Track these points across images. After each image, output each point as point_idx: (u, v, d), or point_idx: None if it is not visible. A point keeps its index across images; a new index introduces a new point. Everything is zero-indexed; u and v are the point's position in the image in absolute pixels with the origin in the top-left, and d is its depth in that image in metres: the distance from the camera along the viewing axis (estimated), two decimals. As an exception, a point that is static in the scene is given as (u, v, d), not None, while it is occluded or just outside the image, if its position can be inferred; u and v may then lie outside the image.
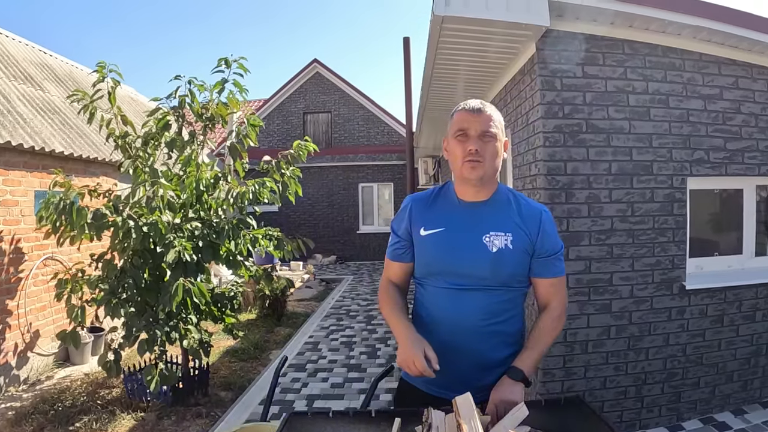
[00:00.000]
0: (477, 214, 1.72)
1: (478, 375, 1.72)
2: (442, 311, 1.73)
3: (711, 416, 3.58)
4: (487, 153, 1.63)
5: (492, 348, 1.72)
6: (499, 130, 1.66)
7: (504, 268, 1.67)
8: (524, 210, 1.71)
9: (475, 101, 1.69)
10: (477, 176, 1.64)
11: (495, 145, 1.64)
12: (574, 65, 3.36)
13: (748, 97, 3.62)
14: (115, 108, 4.13)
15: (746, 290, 3.62)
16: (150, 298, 4.00)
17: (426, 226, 1.76)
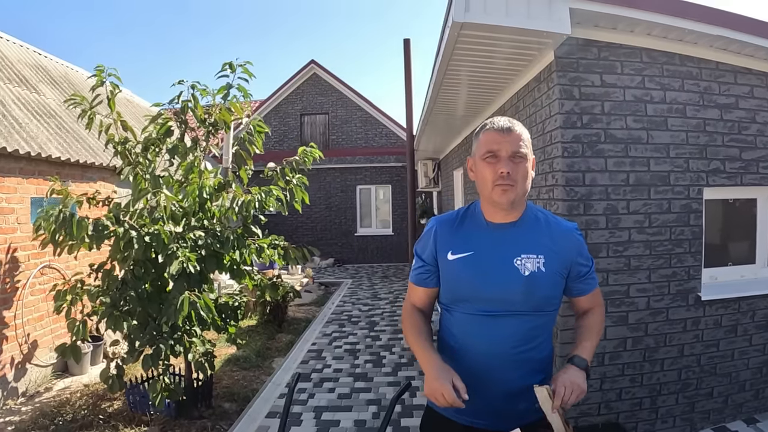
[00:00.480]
0: (507, 236, 1.66)
1: (507, 403, 1.67)
2: (471, 338, 1.68)
3: (724, 425, 3.58)
4: (519, 175, 1.57)
5: (522, 376, 1.66)
6: (528, 150, 1.61)
7: (537, 291, 1.62)
8: (555, 230, 1.68)
9: (503, 119, 1.62)
10: (508, 200, 1.59)
11: (525, 165, 1.59)
12: (593, 73, 3.31)
13: (763, 107, 3.61)
14: (115, 113, 4.00)
15: (760, 300, 3.62)
16: (152, 310, 3.89)
17: (454, 250, 1.70)
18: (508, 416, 1.64)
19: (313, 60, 15.21)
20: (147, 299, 3.86)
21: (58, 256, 3.66)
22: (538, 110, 3.64)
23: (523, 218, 1.67)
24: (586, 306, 1.79)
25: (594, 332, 1.74)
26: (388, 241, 14.95)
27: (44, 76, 6.60)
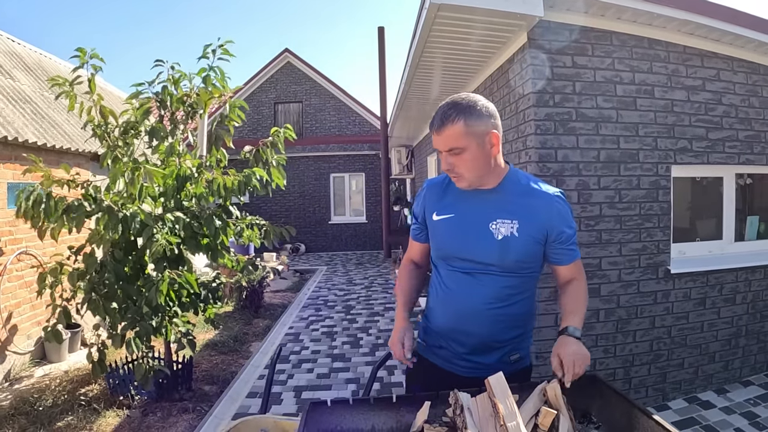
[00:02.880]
0: (486, 201, 1.73)
1: (482, 353, 1.80)
2: (452, 292, 1.79)
3: (695, 395, 3.72)
4: (461, 165, 1.63)
5: (497, 331, 1.77)
6: (472, 134, 1.59)
7: (509, 255, 1.69)
8: (536, 197, 1.71)
9: (439, 113, 1.63)
10: (463, 186, 1.71)
11: (470, 153, 1.61)
12: (565, 55, 3.41)
13: (729, 89, 3.75)
14: (96, 95, 3.99)
15: (727, 274, 3.77)
16: (132, 292, 3.89)
17: (438, 212, 1.80)
18: (483, 367, 1.76)
19: (287, 49, 15.21)
20: (127, 281, 3.86)
21: (42, 240, 3.64)
22: (511, 90, 3.73)
23: (502, 184, 1.72)
24: (567, 276, 1.80)
25: (580, 302, 1.75)
26: (362, 229, 15.01)
27: (18, 62, 6.52)
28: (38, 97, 5.97)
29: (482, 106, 1.62)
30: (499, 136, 1.65)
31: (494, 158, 1.67)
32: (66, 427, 3.77)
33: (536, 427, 1.44)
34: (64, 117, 6.09)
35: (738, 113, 3.78)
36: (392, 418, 1.64)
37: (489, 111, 1.63)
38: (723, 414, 3.45)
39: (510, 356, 1.82)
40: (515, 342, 1.83)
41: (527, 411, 1.48)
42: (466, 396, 1.50)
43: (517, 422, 1.33)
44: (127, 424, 3.85)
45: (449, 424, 1.49)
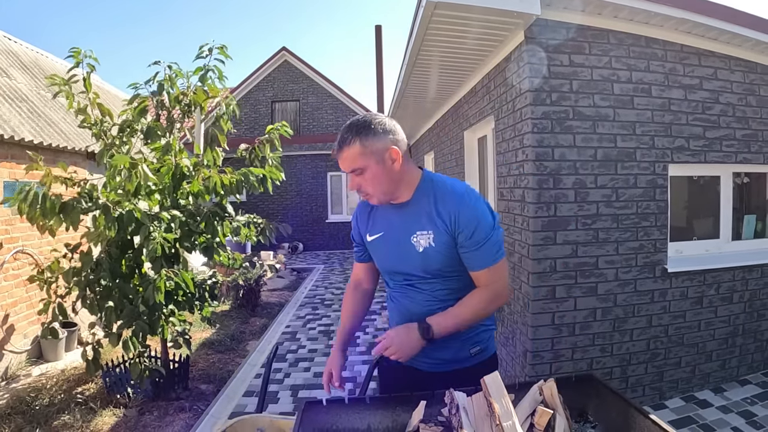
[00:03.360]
0: (405, 215, 1.79)
1: (438, 350, 1.82)
2: (397, 302, 1.90)
3: (692, 394, 3.72)
4: (366, 184, 1.69)
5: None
6: (370, 152, 1.64)
7: (432, 264, 1.75)
8: (440, 203, 1.72)
9: (339, 138, 1.68)
10: (374, 203, 1.80)
11: (371, 171, 1.66)
12: (562, 54, 3.40)
13: (726, 88, 3.74)
14: (92, 94, 3.97)
15: (724, 273, 3.77)
16: (128, 291, 3.88)
17: (370, 232, 1.90)
18: (444, 362, 1.85)
19: (285, 47, 15.20)
20: (123, 280, 3.85)
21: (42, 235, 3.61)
22: (508, 89, 3.72)
23: (415, 195, 1.76)
24: (480, 283, 1.75)
25: (459, 309, 1.73)
26: (359, 228, 14.97)
27: (15, 60, 6.50)
28: (35, 95, 5.96)
29: (378, 124, 1.66)
30: (399, 151, 1.68)
31: (399, 172, 1.70)
32: (62, 427, 3.77)
33: (532, 426, 1.44)
34: (61, 115, 6.07)
35: (735, 112, 3.77)
36: (388, 418, 1.64)
37: (386, 128, 1.67)
38: (720, 413, 3.45)
39: (470, 350, 1.86)
40: (471, 336, 1.86)
41: (523, 410, 1.47)
42: (461, 395, 1.49)
43: (513, 422, 1.33)
44: (124, 423, 3.84)
45: (445, 424, 1.48)
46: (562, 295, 3.43)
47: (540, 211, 3.37)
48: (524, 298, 3.53)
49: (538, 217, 3.37)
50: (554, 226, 3.40)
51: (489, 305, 1.75)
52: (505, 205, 3.92)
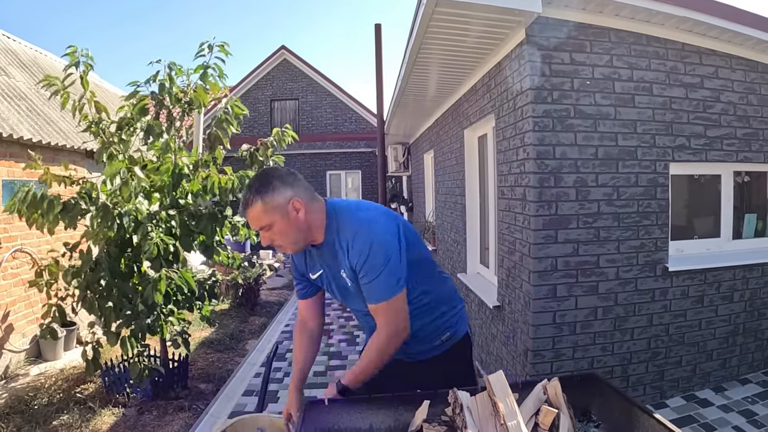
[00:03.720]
0: (326, 255, 1.86)
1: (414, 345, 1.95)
2: (367, 329, 2.09)
3: (693, 393, 3.71)
4: (277, 237, 1.74)
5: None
6: (273, 208, 1.69)
7: (360, 296, 1.81)
8: (342, 236, 1.77)
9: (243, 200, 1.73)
10: (290, 253, 1.85)
11: (277, 226, 1.71)
12: (563, 52, 3.39)
13: (727, 87, 3.74)
14: (89, 93, 3.95)
15: (724, 272, 3.76)
16: (127, 290, 3.87)
17: (311, 271, 1.95)
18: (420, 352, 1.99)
19: (284, 46, 15.21)
20: (122, 279, 3.84)
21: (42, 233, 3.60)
22: (509, 87, 3.71)
23: (326, 236, 1.81)
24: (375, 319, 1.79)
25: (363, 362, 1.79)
26: (358, 227, 14.97)
27: (13, 59, 6.48)
28: (33, 94, 5.94)
29: (276, 179, 1.71)
30: (302, 200, 1.72)
31: (306, 220, 1.74)
32: (61, 426, 3.76)
33: (536, 425, 1.43)
34: (60, 114, 6.04)
35: (736, 111, 3.76)
36: (390, 417, 1.63)
37: (284, 181, 1.72)
38: (721, 412, 3.45)
39: (441, 337, 1.98)
40: (439, 325, 1.97)
41: (527, 409, 1.47)
42: (465, 395, 1.49)
43: (517, 421, 1.32)
44: (123, 422, 3.83)
45: (448, 423, 1.47)
46: (563, 293, 3.42)
47: (541, 210, 3.36)
48: (525, 296, 3.52)
49: (539, 216, 3.36)
50: (555, 225, 3.39)
51: (388, 348, 1.78)
52: (506, 204, 3.91)
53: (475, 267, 5.61)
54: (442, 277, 2.05)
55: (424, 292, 1.92)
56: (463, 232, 5.77)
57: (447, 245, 7.03)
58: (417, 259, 1.87)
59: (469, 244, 5.61)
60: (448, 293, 2.04)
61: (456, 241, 6.26)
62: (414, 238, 1.89)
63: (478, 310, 4.93)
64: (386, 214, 1.81)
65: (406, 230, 1.83)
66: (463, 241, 5.79)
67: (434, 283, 1.98)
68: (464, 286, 5.48)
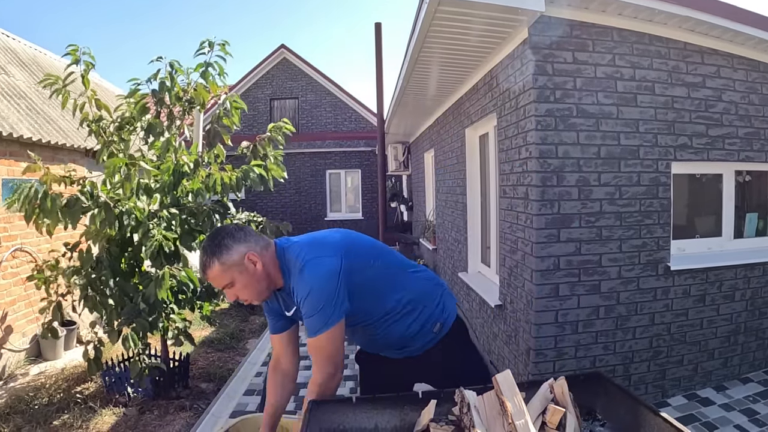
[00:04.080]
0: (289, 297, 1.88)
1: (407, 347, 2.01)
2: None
3: (694, 392, 3.72)
4: (240, 293, 1.80)
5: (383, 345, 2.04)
6: (231, 266, 1.74)
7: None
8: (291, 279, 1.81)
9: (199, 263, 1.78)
10: (258, 303, 1.87)
11: (238, 282, 1.76)
12: (565, 51, 3.39)
13: (729, 86, 3.74)
14: (90, 91, 3.94)
15: (726, 271, 3.77)
16: (128, 289, 3.86)
17: (287, 310, 1.94)
18: (414, 349, 2.00)
19: (284, 45, 15.17)
20: (123, 278, 3.82)
21: (41, 234, 3.59)
22: (511, 86, 3.71)
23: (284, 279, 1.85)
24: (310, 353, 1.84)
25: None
26: (358, 226, 14.95)
27: (13, 57, 6.46)
28: (33, 92, 5.92)
29: (227, 237, 1.76)
30: (256, 253, 1.77)
31: (264, 271, 1.79)
32: (62, 426, 3.75)
33: (544, 424, 1.43)
34: (59, 113, 6.03)
35: (738, 110, 3.76)
36: (396, 417, 1.63)
37: (236, 238, 1.77)
38: (722, 411, 3.45)
39: (432, 330, 1.98)
40: (425, 319, 1.97)
41: (534, 408, 1.47)
42: (472, 394, 1.48)
43: (525, 420, 1.32)
44: (124, 422, 3.82)
45: (455, 423, 1.47)
46: (565, 292, 3.42)
47: (544, 209, 3.36)
48: (527, 295, 3.52)
49: (542, 215, 3.36)
50: (558, 224, 3.39)
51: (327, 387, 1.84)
52: (508, 203, 3.91)
53: (477, 266, 5.61)
54: (413, 275, 2.02)
55: (397, 301, 1.93)
56: (464, 231, 5.77)
57: (448, 244, 7.03)
58: (374, 276, 1.89)
59: (470, 243, 5.60)
60: (424, 288, 2.01)
61: (457, 240, 6.26)
62: (366, 259, 1.89)
63: (480, 309, 4.93)
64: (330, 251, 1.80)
65: (354, 258, 1.84)
66: (464, 240, 5.79)
67: (406, 285, 1.97)
68: (465, 285, 5.48)
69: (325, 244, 1.85)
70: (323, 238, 1.90)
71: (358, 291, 1.81)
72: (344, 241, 1.90)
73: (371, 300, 1.88)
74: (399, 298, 1.92)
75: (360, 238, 2.01)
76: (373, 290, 1.87)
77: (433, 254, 8.49)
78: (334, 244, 1.84)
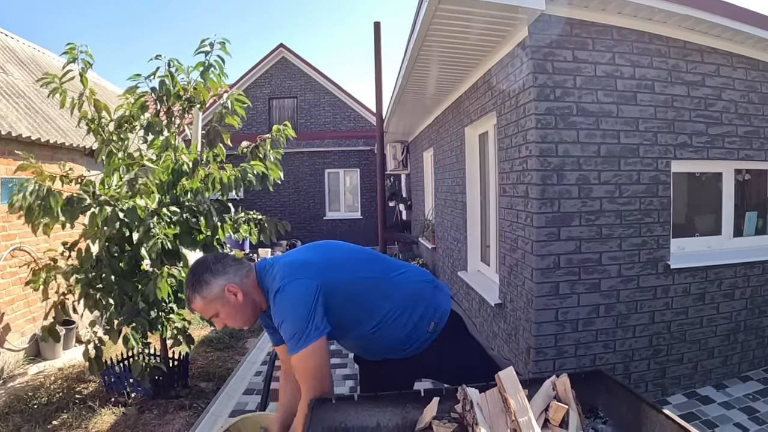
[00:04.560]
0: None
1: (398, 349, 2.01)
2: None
3: (694, 391, 3.72)
4: (227, 321, 1.85)
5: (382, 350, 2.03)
6: (213, 299, 1.79)
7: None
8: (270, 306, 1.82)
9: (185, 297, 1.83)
10: (246, 328, 2.06)
11: (223, 313, 1.81)
12: (565, 49, 3.39)
13: (729, 85, 3.74)
14: (88, 90, 3.93)
15: (726, 269, 3.77)
16: (128, 288, 3.84)
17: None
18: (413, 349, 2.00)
19: (282, 44, 15.13)
20: (122, 277, 3.81)
21: (36, 235, 3.58)
22: (511, 85, 3.71)
23: (268, 302, 1.87)
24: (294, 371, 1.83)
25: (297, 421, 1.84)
26: (356, 225, 15.01)
27: (11, 56, 6.45)
28: (32, 91, 5.91)
29: (206, 272, 1.79)
30: (236, 284, 1.80)
31: (245, 300, 1.82)
32: (61, 426, 3.74)
33: (546, 421, 1.43)
34: (58, 112, 6.01)
35: (737, 109, 3.77)
36: (398, 415, 1.63)
37: (214, 272, 1.80)
38: (722, 409, 3.45)
39: (427, 330, 1.98)
40: (418, 320, 1.96)
41: (537, 406, 1.46)
42: (474, 392, 1.48)
43: (528, 417, 1.32)
44: (123, 422, 3.81)
45: (458, 420, 1.47)
46: (565, 291, 3.42)
47: (544, 207, 3.36)
48: (527, 294, 3.52)
49: (542, 213, 3.36)
50: (558, 222, 3.39)
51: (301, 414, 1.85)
52: (508, 201, 3.91)
53: (476, 265, 5.61)
54: (399, 279, 2.00)
55: (386, 311, 1.92)
56: (463, 229, 5.77)
57: (447, 243, 7.03)
58: (357, 290, 1.89)
59: (469, 242, 5.60)
60: (410, 291, 2.00)
61: (456, 239, 6.26)
62: (346, 274, 1.89)
63: (479, 308, 4.93)
64: (305, 273, 1.79)
65: (334, 275, 1.84)
66: (463, 239, 5.79)
67: (391, 293, 1.96)
68: (465, 284, 5.48)
69: (301, 266, 1.84)
70: (301, 261, 1.89)
71: (340, 308, 1.82)
72: (323, 259, 1.91)
73: (357, 314, 1.89)
74: (388, 308, 1.92)
75: (342, 251, 2.03)
76: (358, 305, 1.88)
77: (432, 253, 8.49)
78: (310, 266, 1.84)
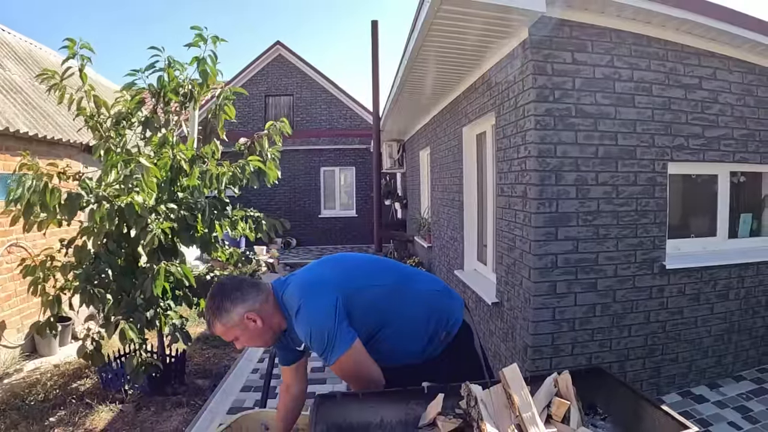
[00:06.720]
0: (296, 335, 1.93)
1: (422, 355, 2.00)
2: None
3: (688, 390, 3.77)
4: (247, 343, 1.90)
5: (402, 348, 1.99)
6: (232, 326, 1.84)
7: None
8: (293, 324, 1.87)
9: (207, 322, 1.89)
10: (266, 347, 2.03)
11: (243, 337, 1.86)
12: (565, 51, 3.42)
13: (725, 88, 3.78)
14: (87, 86, 3.91)
15: (720, 270, 3.82)
16: (126, 284, 3.84)
17: (296, 345, 2.01)
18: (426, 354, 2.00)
19: (279, 41, 15.07)
20: (120, 273, 3.81)
21: (27, 232, 3.57)
22: (510, 85, 3.74)
23: (287, 322, 1.91)
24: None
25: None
26: (352, 223, 15.03)
27: (8, 51, 6.41)
28: (29, 87, 5.88)
29: (225, 300, 1.83)
30: (255, 311, 1.84)
31: (264, 325, 1.86)
32: (58, 422, 3.73)
33: (549, 417, 1.45)
34: (56, 108, 5.99)
35: (733, 112, 3.81)
36: (401, 411, 1.64)
37: (233, 300, 1.83)
38: (716, 408, 3.50)
39: (438, 338, 1.99)
40: (429, 329, 1.97)
41: (539, 402, 1.49)
42: (478, 388, 1.50)
43: (532, 413, 1.34)
44: (120, 418, 3.81)
45: (462, 416, 1.49)
46: (562, 290, 3.45)
47: (542, 207, 3.39)
48: (525, 293, 3.55)
49: (540, 213, 3.39)
50: (556, 222, 3.42)
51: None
52: (506, 201, 3.94)
53: (473, 264, 5.64)
54: (415, 287, 2.03)
55: (404, 318, 1.95)
56: (460, 229, 5.80)
57: (443, 242, 7.05)
58: (376, 296, 1.92)
59: (466, 241, 5.63)
60: (426, 302, 2.02)
61: (453, 238, 6.28)
62: (363, 282, 1.94)
63: (476, 307, 4.96)
64: (324, 289, 1.85)
65: (351, 283, 1.89)
66: (460, 238, 5.82)
67: (408, 300, 1.98)
68: (461, 282, 5.51)
69: (318, 282, 1.90)
70: (318, 277, 1.94)
71: (362, 314, 1.85)
72: (338, 272, 1.96)
73: (374, 321, 1.90)
74: (404, 315, 1.94)
75: (356, 261, 2.10)
76: (375, 312, 1.90)
77: (428, 252, 8.52)
78: (327, 281, 1.89)
